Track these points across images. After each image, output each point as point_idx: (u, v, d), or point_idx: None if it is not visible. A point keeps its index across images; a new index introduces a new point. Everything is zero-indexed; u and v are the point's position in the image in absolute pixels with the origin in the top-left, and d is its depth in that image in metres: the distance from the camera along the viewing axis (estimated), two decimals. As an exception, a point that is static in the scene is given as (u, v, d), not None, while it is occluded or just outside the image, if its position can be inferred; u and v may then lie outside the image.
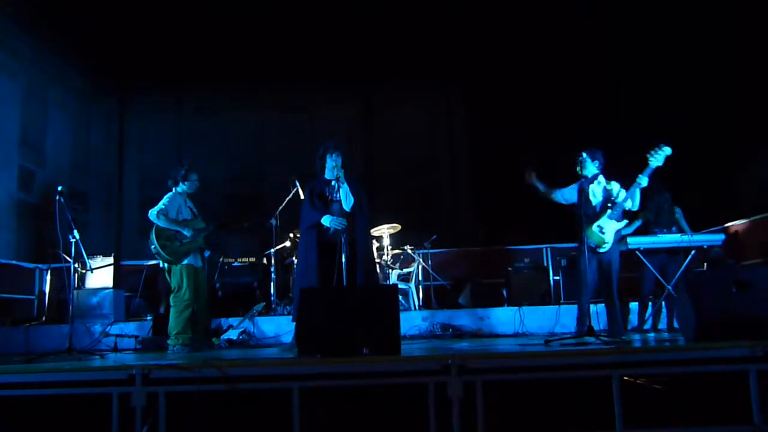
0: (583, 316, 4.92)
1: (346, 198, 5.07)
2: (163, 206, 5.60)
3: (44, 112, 9.17)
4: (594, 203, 5.07)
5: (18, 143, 8.50)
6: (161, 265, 5.73)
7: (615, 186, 5.08)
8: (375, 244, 7.30)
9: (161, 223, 5.56)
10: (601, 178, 5.07)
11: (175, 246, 5.55)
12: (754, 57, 7.25)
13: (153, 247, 5.52)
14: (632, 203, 4.94)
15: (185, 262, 5.57)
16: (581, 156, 5.12)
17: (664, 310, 6.03)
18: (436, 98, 10.78)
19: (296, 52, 9.64)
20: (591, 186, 5.08)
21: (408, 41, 9.53)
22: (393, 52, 9.57)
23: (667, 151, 4.75)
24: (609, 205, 4.97)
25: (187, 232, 5.61)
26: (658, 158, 4.76)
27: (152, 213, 5.57)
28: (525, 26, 9.20)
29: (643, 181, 4.85)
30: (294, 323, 5.00)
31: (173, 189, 5.74)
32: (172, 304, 5.60)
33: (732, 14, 7.47)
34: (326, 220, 4.96)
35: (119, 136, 10.82)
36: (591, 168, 5.08)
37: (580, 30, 8.96)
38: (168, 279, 5.68)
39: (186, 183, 5.74)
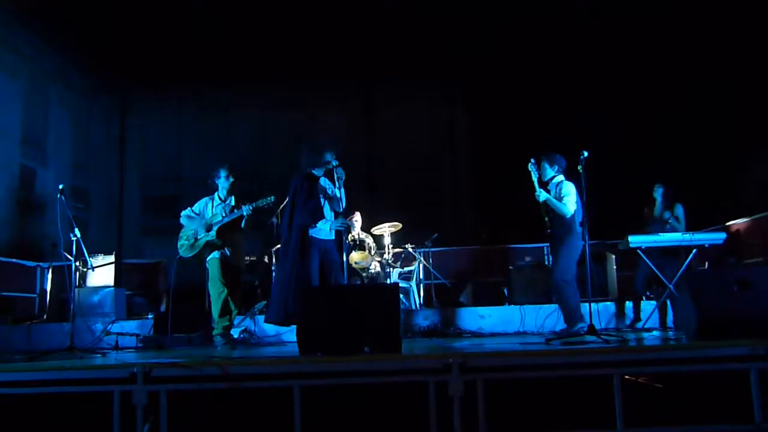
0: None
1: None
2: (189, 207, 5.71)
3: (45, 110, 9.17)
4: None
5: (19, 141, 8.50)
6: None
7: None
8: (371, 242, 7.32)
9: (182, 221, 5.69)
10: None
11: (189, 243, 5.59)
12: (754, 56, 7.23)
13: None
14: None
15: (211, 257, 5.55)
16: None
17: (656, 309, 6.04)
18: (436, 97, 10.76)
19: (297, 50, 9.63)
20: None
21: (409, 40, 9.52)
22: (394, 52, 9.56)
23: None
24: None
25: (187, 229, 5.63)
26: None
27: None
28: (525, 26, 9.19)
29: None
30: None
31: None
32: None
33: (732, 13, 7.45)
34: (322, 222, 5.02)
35: (120, 134, 10.82)
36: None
37: (578, 28, 8.95)
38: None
39: (217, 182, 5.68)
